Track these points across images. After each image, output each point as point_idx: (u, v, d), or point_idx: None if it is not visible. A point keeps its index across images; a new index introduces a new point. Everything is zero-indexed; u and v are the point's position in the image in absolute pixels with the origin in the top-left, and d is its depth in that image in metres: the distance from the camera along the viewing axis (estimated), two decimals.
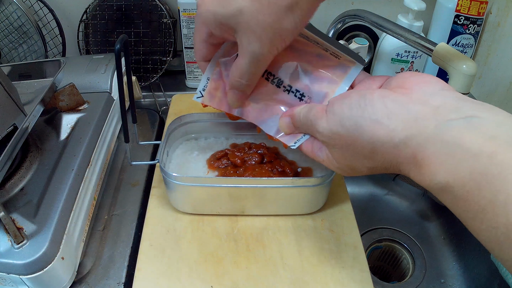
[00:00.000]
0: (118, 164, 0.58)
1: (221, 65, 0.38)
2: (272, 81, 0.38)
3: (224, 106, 0.39)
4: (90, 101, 0.56)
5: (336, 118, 0.31)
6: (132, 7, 0.72)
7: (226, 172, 0.48)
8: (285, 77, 0.38)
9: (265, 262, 0.43)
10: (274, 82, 0.38)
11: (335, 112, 0.31)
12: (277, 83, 0.38)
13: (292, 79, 0.38)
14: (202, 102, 0.40)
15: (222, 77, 0.38)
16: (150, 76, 0.75)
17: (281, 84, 0.38)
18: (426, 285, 0.54)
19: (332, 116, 0.31)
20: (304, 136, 0.37)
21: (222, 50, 0.38)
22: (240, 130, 0.54)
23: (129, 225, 0.49)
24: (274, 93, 0.38)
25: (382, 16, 0.55)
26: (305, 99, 0.38)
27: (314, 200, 0.47)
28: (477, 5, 0.64)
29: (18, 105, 0.44)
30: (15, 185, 0.43)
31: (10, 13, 0.70)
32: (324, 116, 0.32)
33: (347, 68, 0.37)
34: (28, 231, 0.38)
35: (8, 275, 0.37)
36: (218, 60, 0.38)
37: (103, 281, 0.43)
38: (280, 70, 0.38)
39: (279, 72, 0.38)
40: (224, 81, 0.38)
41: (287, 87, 0.38)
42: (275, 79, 0.38)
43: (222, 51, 0.38)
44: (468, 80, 0.45)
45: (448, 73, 0.46)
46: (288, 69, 0.38)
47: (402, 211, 0.62)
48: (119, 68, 0.37)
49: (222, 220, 0.47)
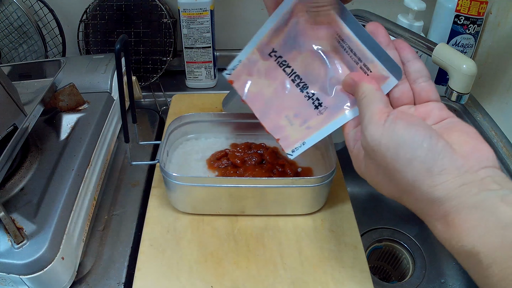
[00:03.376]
0: (118, 164, 0.58)
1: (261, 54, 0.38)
2: (298, 84, 0.38)
3: (243, 90, 0.40)
4: (90, 101, 0.56)
5: (393, 141, 0.28)
6: (132, 7, 0.72)
7: (226, 172, 0.48)
8: (311, 84, 0.38)
9: (265, 262, 0.43)
10: (300, 85, 0.38)
11: (397, 133, 0.28)
12: (302, 87, 0.38)
13: (316, 86, 0.38)
14: (228, 79, 0.40)
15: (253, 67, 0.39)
16: (150, 76, 0.75)
17: (305, 89, 0.38)
18: (426, 285, 0.54)
19: (391, 134, 0.29)
20: (303, 145, 0.37)
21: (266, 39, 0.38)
22: (240, 130, 0.54)
23: (129, 225, 0.49)
24: (295, 95, 0.38)
25: (382, 16, 0.55)
26: (321, 109, 0.37)
27: (314, 200, 0.47)
28: (477, 5, 0.64)
29: (18, 105, 0.44)
30: (15, 185, 0.43)
31: (10, 13, 0.70)
32: (381, 125, 0.29)
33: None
34: (28, 231, 0.38)
35: (8, 275, 0.37)
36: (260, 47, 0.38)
37: (103, 281, 0.43)
38: (308, 75, 0.37)
39: (307, 77, 0.38)
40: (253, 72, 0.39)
41: (310, 93, 0.38)
42: (301, 82, 0.38)
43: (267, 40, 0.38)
44: (468, 80, 0.45)
45: (448, 73, 0.46)
46: (316, 76, 0.37)
47: (402, 211, 0.62)
48: (119, 68, 0.37)
49: (222, 220, 0.47)
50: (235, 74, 0.40)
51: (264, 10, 0.38)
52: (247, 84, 0.39)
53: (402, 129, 0.28)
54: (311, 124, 0.37)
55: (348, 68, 0.36)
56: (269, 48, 0.38)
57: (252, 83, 0.39)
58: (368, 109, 0.31)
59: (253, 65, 0.39)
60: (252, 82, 0.39)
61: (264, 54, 0.38)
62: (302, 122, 0.38)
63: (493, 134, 0.66)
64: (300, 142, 0.37)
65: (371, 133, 0.30)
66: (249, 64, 0.39)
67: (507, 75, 0.64)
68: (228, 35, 0.79)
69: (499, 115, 0.67)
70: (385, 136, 0.29)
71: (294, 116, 0.38)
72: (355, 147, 0.34)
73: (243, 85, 0.40)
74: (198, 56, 0.73)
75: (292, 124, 0.38)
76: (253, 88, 0.40)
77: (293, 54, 0.37)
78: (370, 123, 0.30)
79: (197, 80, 0.76)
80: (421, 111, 0.33)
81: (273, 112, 0.39)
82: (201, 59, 0.73)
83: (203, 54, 0.73)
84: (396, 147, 0.28)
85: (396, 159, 0.28)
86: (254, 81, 0.39)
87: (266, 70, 0.38)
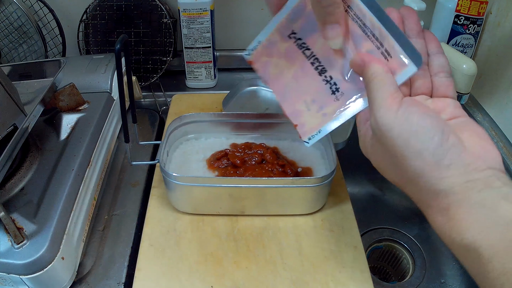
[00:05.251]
0: (118, 164, 0.58)
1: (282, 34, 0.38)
2: (316, 68, 0.37)
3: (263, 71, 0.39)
4: (90, 101, 0.56)
5: (405, 129, 0.28)
6: (132, 7, 0.72)
7: (226, 172, 0.48)
8: (329, 67, 0.37)
9: (265, 262, 0.43)
10: (318, 69, 0.37)
11: (410, 122, 0.28)
12: (320, 70, 0.37)
13: (335, 71, 0.37)
14: (248, 60, 0.40)
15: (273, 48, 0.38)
16: (150, 76, 0.75)
17: (324, 73, 0.37)
18: (426, 285, 0.54)
19: (404, 121, 0.28)
20: (319, 133, 0.36)
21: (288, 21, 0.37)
22: (240, 130, 0.54)
23: (129, 225, 0.49)
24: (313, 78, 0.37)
25: None
26: (337, 94, 0.37)
27: (314, 200, 0.47)
28: (477, 5, 0.64)
29: (18, 105, 0.44)
30: (15, 185, 0.43)
31: (10, 13, 0.70)
32: (393, 111, 0.29)
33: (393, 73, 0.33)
34: (28, 231, 0.38)
35: (8, 275, 0.37)
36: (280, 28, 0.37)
37: (103, 281, 0.43)
38: (328, 59, 0.37)
39: (326, 61, 0.37)
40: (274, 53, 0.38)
41: (328, 77, 0.37)
42: (320, 66, 0.37)
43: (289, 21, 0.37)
44: (468, 80, 0.45)
45: None
46: (335, 61, 0.36)
47: (402, 211, 0.62)
48: (119, 68, 0.37)
49: (222, 220, 0.47)
50: (255, 55, 0.39)
51: (264, 10, 0.37)
52: (267, 66, 0.39)
53: (416, 118, 0.28)
54: (327, 111, 0.37)
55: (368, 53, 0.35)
56: (288, 29, 0.37)
57: (272, 64, 0.39)
58: (379, 92, 0.30)
59: (273, 46, 0.38)
60: (272, 63, 0.39)
61: (284, 35, 0.37)
62: (319, 108, 0.37)
63: (493, 134, 0.66)
64: (316, 131, 0.37)
65: (383, 117, 0.29)
66: (268, 45, 0.38)
67: (507, 75, 0.64)
68: (228, 35, 0.79)
69: (499, 115, 0.67)
70: (397, 122, 0.28)
71: (312, 102, 0.37)
72: (364, 128, 0.33)
73: (264, 66, 0.39)
74: (198, 56, 0.73)
75: (309, 109, 0.37)
76: (273, 70, 0.39)
77: (313, 37, 0.37)
78: (381, 107, 0.29)
79: (197, 80, 0.76)
80: (437, 105, 0.33)
81: (293, 95, 0.38)
82: (201, 59, 0.73)
83: (203, 54, 0.73)
84: (407, 135, 0.28)
85: (406, 147, 0.28)
86: (274, 62, 0.39)
87: (286, 52, 0.38)
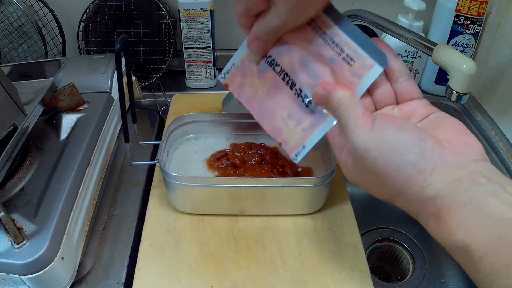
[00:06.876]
0: (118, 164, 0.58)
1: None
2: (287, 82, 0.38)
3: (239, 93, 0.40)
4: (90, 101, 0.56)
5: (383, 146, 0.28)
6: (132, 7, 0.72)
7: (226, 172, 0.48)
8: (297, 81, 0.37)
9: (265, 262, 0.43)
10: (289, 83, 0.38)
11: (386, 138, 0.28)
12: (290, 84, 0.38)
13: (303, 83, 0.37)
14: (223, 83, 0.41)
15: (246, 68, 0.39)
16: (150, 76, 0.75)
17: (294, 87, 0.37)
18: (426, 285, 0.54)
19: (380, 139, 0.28)
20: (304, 148, 0.36)
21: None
22: (240, 130, 0.54)
23: (129, 225, 0.49)
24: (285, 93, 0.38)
25: (382, 16, 0.55)
26: (311, 106, 0.37)
27: (314, 200, 0.47)
28: (477, 5, 0.64)
29: (18, 105, 0.44)
30: (15, 185, 0.43)
31: (10, 13, 0.70)
32: (368, 131, 0.29)
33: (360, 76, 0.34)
34: (28, 231, 0.38)
35: (8, 275, 0.37)
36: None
37: (103, 281, 0.43)
38: (294, 73, 0.37)
39: (293, 75, 0.37)
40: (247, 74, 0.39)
41: (298, 90, 0.37)
42: (290, 80, 0.37)
43: None
44: (468, 80, 0.45)
45: (448, 73, 0.46)
46: (302, 72, 0.37)
47: (402, 211, 0.61)
48: (119, 68, 0.37)
49: (222, 220, 0.47)
50: (229, 77, 0.40)
51: None
52: (242, 87, 0.40)
53: (391, 134, 0.28)
54: (305, 125, 0.37)
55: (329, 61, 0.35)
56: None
57: (247, 85, 0.39)
58: (350, 115, 0.31)
59: (246, 66, 0.39)
60: (246, 83, 0.39)
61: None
62: (297, 123, 0.37)
63: (493, 134, 0.66)
64: (300, 146, 0.37)
65: (359, 138, 0.29)
66: (242, 66, 0.39)
67: (507, 75, 0.64)
68: (228, 35, 0.79)
69: (499, 115, 0.67)
70: (373, 141, 0.29)
71: (288, 117, 0.38)
72: (343, 155, 0.33)
73: (239, 87, 0.40)
74: (198, 56, 0.73)
75: (287, 125, 0.38)
76: (248, 90, 0.39)
77: (282, 53, 0.37)
78: (355, 129, 0.30)
79: (197, 80, 0.76)
80: (405, 110, 0.33)
81: (269, 112, 0.39)
82: (201, 59, 0.73)
83: (203, 54, 0.73)
84: (386, 152, 0.28)
85: (387, 164, 0.28)
86: (249, 82, 0.39)
87: (258, 70, 0.38)
